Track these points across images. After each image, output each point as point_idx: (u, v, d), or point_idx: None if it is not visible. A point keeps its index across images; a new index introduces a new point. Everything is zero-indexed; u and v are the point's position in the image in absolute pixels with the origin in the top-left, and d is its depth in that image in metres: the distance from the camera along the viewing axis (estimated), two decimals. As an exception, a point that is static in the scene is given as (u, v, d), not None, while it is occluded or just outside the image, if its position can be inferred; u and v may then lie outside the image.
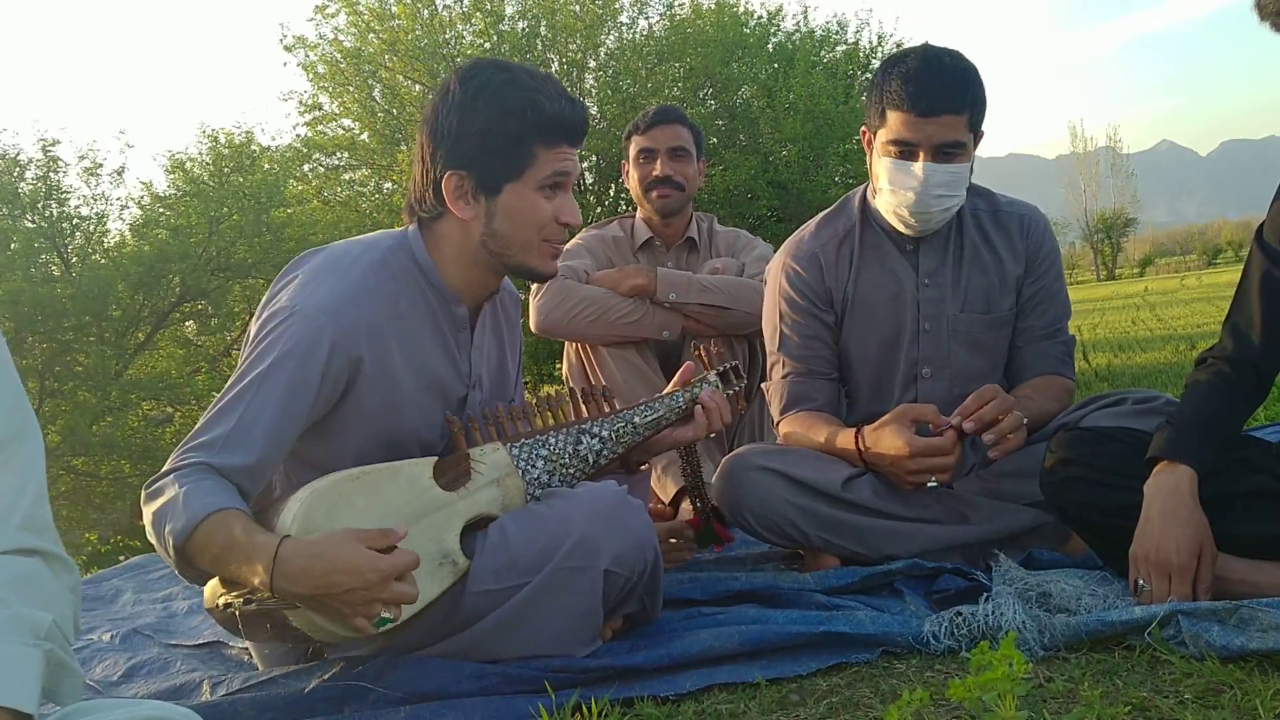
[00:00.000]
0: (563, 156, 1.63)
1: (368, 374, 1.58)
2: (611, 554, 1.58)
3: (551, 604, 1.56)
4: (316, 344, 1.52)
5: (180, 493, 1.43)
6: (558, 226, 1.65)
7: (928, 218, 2.02)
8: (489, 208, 1.62)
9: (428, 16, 12.99)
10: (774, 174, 12.23)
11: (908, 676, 1.50)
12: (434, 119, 1.61)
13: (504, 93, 1.59)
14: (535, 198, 1.62)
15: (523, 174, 1.61)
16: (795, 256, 2.19)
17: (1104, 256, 69.16)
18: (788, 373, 2.18)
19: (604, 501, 1.61)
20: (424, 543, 1.51)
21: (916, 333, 2.12)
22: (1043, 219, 2.20)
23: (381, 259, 1.64)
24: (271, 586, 1.36)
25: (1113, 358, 7.66)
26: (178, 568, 1.47)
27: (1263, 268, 1.70)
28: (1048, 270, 2.16)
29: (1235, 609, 1.44)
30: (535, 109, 1.58)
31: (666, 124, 2.98)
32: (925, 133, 1.94)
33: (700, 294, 2.77)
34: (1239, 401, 1.71)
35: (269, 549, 1.37)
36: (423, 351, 1.65)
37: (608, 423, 1.76)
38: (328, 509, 1.46)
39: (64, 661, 0.93)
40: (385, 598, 1.37)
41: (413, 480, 1.55)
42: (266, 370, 1.51)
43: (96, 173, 14.69)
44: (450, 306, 1.68)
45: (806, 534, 2.01)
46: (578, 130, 1.64)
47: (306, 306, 1.54)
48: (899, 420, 1.93)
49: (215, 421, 1.50)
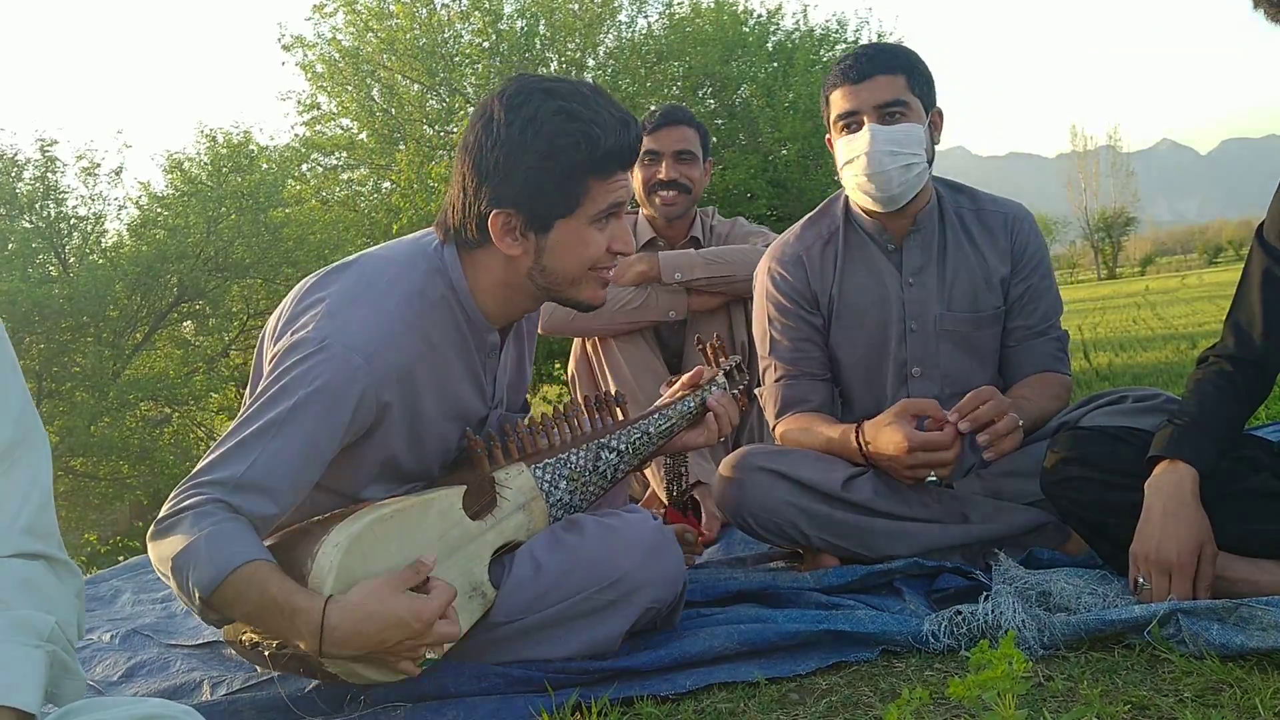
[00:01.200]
0: (618, 186, 1.53)
1: (394, 416, 1.52)
2: (651, 594, 1.60)
3: (582, 630, 1.57)
4: (347, 389, 1.43)
5: (202, 537, 1.34)
6: (609, 255, 1.57)
7: (885, 178, 2.00)
8: (539, 244, 1.53)
9: (426, 15, 12.99)
10: (773, 173, 12.23)
11: (907, 675, 1.50)
12: (478, 151, 1.50)
13: (556, 126, 1.47)
14: (589, 231, 1.53)
15: (576, 210, 1.51)
16: (780, 260, 2.19)
17: (1104, 255, 69.18)
18: (780, 376, 2.18)
19: (644, 540, 1.61)
20: (456, 576, 1.49)
21: (904, 333, 2.12)
22: (1028, 216, 2.20)
23: (419, 288, 1.54)
24: (320, 651, 1.33)
25: (1113, 357, 7.66)
26: (200, 615, 1.40)
27: (1264, 266, 1.70)
28: (1035, 268, 2.15)
29: (1235, 608, 1.44)
30: (590, 143, 1.47)
31: (673, 125, 2.96)
32: (862, 97, 2.01)
33: (705, 268, 2.78)
34: (1241, 400, 1.71)
35: (314, 616, 1.31)
36: (450, 381, 1.59)
37: (624, 435, 1.74)
38: (363, 555, 1.40)
39: (66, 664, 0.94)
40: (430, 640, 1.37)
41: (443, 515, 1.50)
42: (291, 410, 1.41)
43: (94, 173, 14.68)
44: (482, 334, 1.61)
45: (807, 534, 2.01)
46: (634, 154, 1.55)
47: (337, 345, 1.43)
48: (899, 416, 1.93)
49: (232, 457, 1.41)
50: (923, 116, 2.05)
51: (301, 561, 1.39)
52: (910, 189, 2.04)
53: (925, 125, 2.05)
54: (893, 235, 2.13)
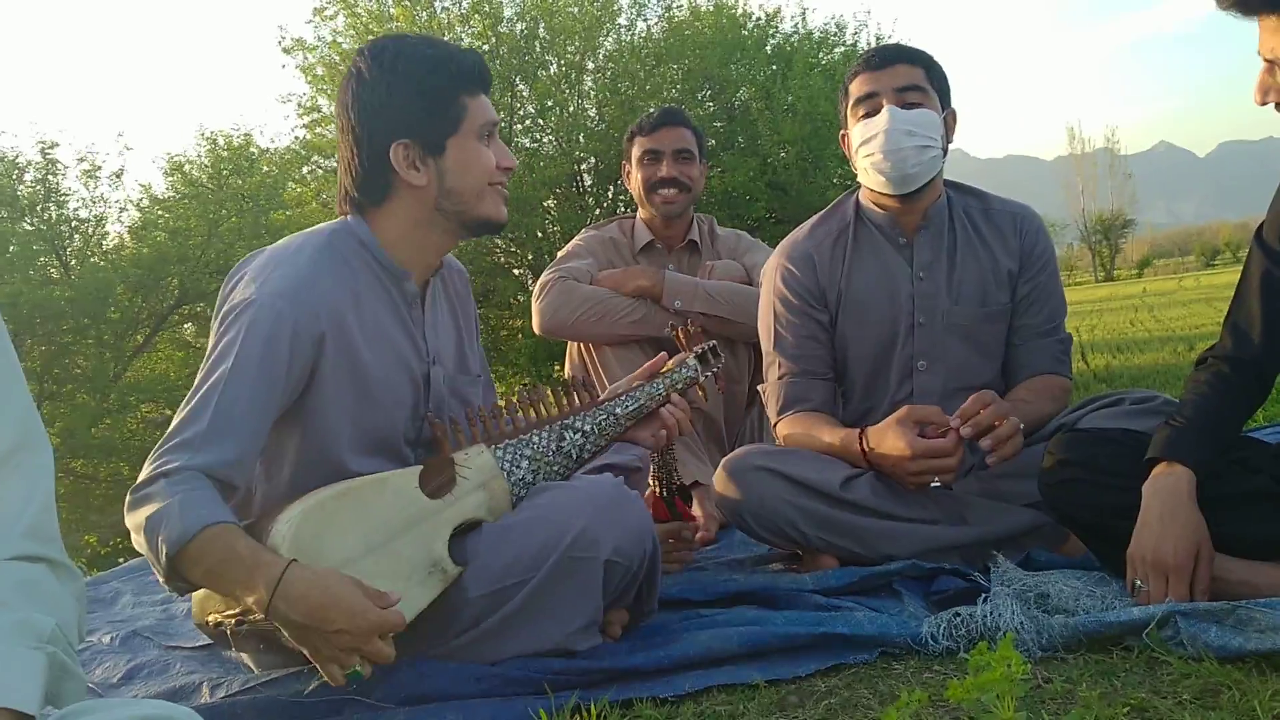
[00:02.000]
0: (486, 105, 1.68)
1: (331, 353, 1.59)
2: (612, 545, 1.59)
3: (553, 598, 1.57)
4: (278, 330, 1.53)
5: (174, 501, 1.42)
6: (501, 172, 1.69)
7: (901, 157, 2.03)
8: (439, 167, 1.65)
9: (426, 19, 12.99)
10: (772, 175, 12.23)
11: (906, 677, 1.50)
12: (357, 103, 1.64)
13: (421, 53, 1.64)
14: (478, 146, 1.66)
15: (460, 126, 1.64)
16: (789, 257, 2.21)
17: (1102, 258, 69.21)
18: (784, 374, 2.19)
19: (603, 494, 1.62)
20: (413, 552, 1.52)
21: (912, 326, 2.13)
22: (1036, 217, 2.23)
23: (326, 242, 1.65)
24: (269, 606, 1.37)
25: (1111, 359, 7.67)
26: (166, 577, 1.46)
27: (1263, 267, 1.71)
28: (1043, 268, 2.17)
29: (1233, 610, 1.44)
30: (454, 61, 1.64)
31: (672, 126, 2.98)
32: (882, 82, 2.07)
33: (705, 304, 2.78)
34: (1239, 402, 1.72)
35: (275, 569, 1.37)
36: (381, 328, 1.67)
37: (589, 416, 1.77)
38: (316, 528, 1.46)
39: (67, 666, 0.94)
40: (366, 649, 1.39)
41: (399, 492, 1.55)
42: (233, 364, 1.51)
43: (95, 175, 14.72)
44: (400, 283, 1.70)
45: (806, 534, 2.01)
46: (489, 77, 1.70)
47: (262, 295, 1.54)
48: (902, 422, 1.94)
49: (190, 420, 1.50)
50: (939, 109, 2.09)
51: (259, 537, 1.46)
52: (924, 173, 2.06)
53: (941, 117, 2.09)
54: (904, 229, 2.15)
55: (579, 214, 12.62)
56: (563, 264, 2.95)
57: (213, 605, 1.51)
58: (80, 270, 13.68)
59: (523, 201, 11.87)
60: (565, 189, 13.07)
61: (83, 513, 12.83)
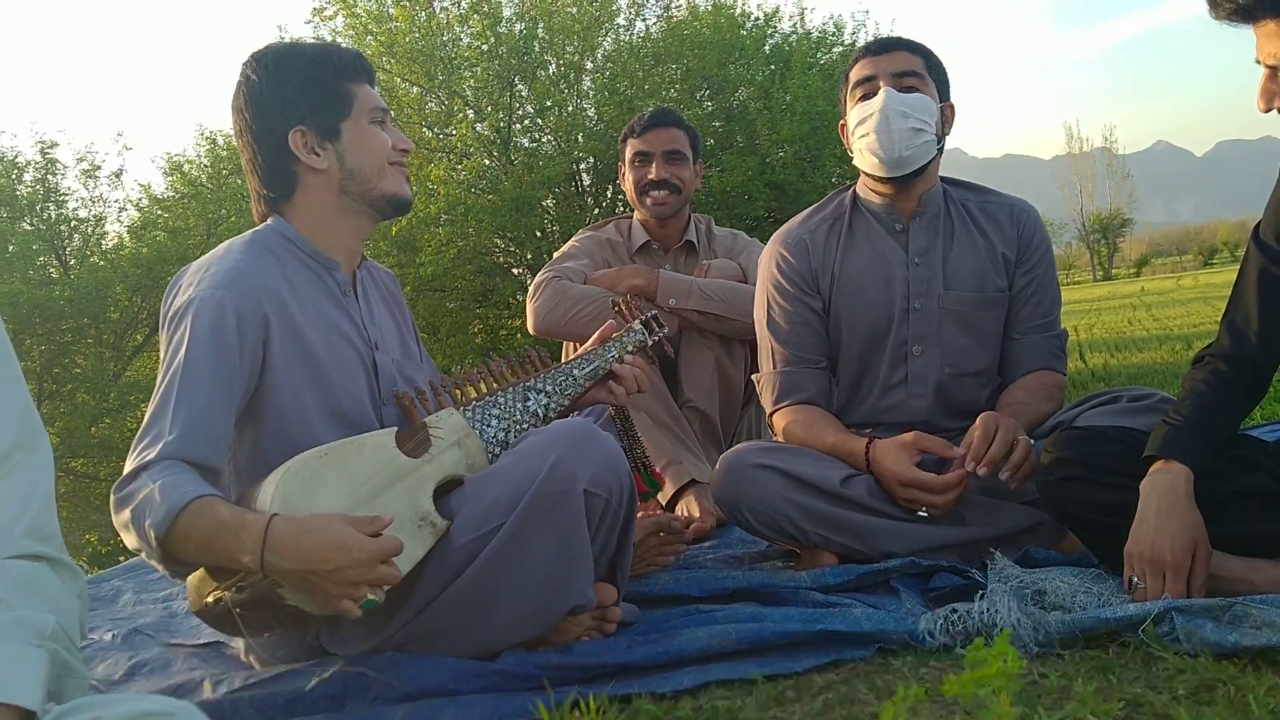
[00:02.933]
0: (371, 93, 1.76)
1: (277, 335, 1.62)
2: (588, 474, 1.59)
3: (537, 535, 1.56)
4: (222, 316, 1.56)
5: (155, 486, 1.44)
6: (398, 151, 1.76)
7: (893, 137, 2.05)
8: (337, 150, 1.71)
9: (425, 19, 12.99)
10: (771, 175, 12.24)
11: (903, 673, 1.50)
12: (251, 104, 1.71)
13: (303, 49, 1.74)
14: (371, 129, 1.73)
15: (351, 110, 1.72)
16: (784, 243, 2.24)
17: (1100, 257, 69.21)
18: (778, 362, 2.21)
19: (573, 429, 1.65)
20: (400, 507, 1.54)
21: (907, 311, 2.15)
22: (1033, 211, 2.25)
23: (252, 239, 1.71)
24: (262, 562, 1.38)
25: (1109, 358, 7.67)
26: (160, 561, 1.47)
27: (1260, 265, 1.71)
28: (1040, 261, 2.19)
29: (1229, 606, 1.45)
30: (335, 54, 1.74)
31: (662, 127, 2.99)
32: (881, 66, 2.11)
33: (700, 301, 2.78)
34: (1236, 399, 1.72)
35: (259, 525, 1.39)
36: (322, 312, 1.71)
37: (549, 378, 1.82)
38: (302, 486, 1.48)
39: (68, 663, 0.94)
40: (371, 578, 1.40)
41: (378, 450, 1.58)
42: (186, 358, 1.55)
43: (95, 175, 14.71)
44: (329, 272, 1.75)
45: (805, 530, 2.02)
46: (372, 69, 1.79)
47: (200, 293, 1.59)
48: (906, 446, 1.97)
49: (156, 416, 1.53)
50: (936, 98, 2.12)
51: (248, 504, 1.49)
52: (917, 157, 2.08)
53: (938, 105, 2.11)
54: (899, 215, 2.17)
55: (578, 214, 12.62)
56: (558, 264, 2.96)
57: (209, 585, 1.52)
58: (79, 270, 13.67)
59: (522, 201, 11.87)
60: (564, 189, 13.07)
61: (83, 511, 12.83)
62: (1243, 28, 1.54)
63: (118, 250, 14.63)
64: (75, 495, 12.72)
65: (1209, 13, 1.55)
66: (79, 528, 12.37)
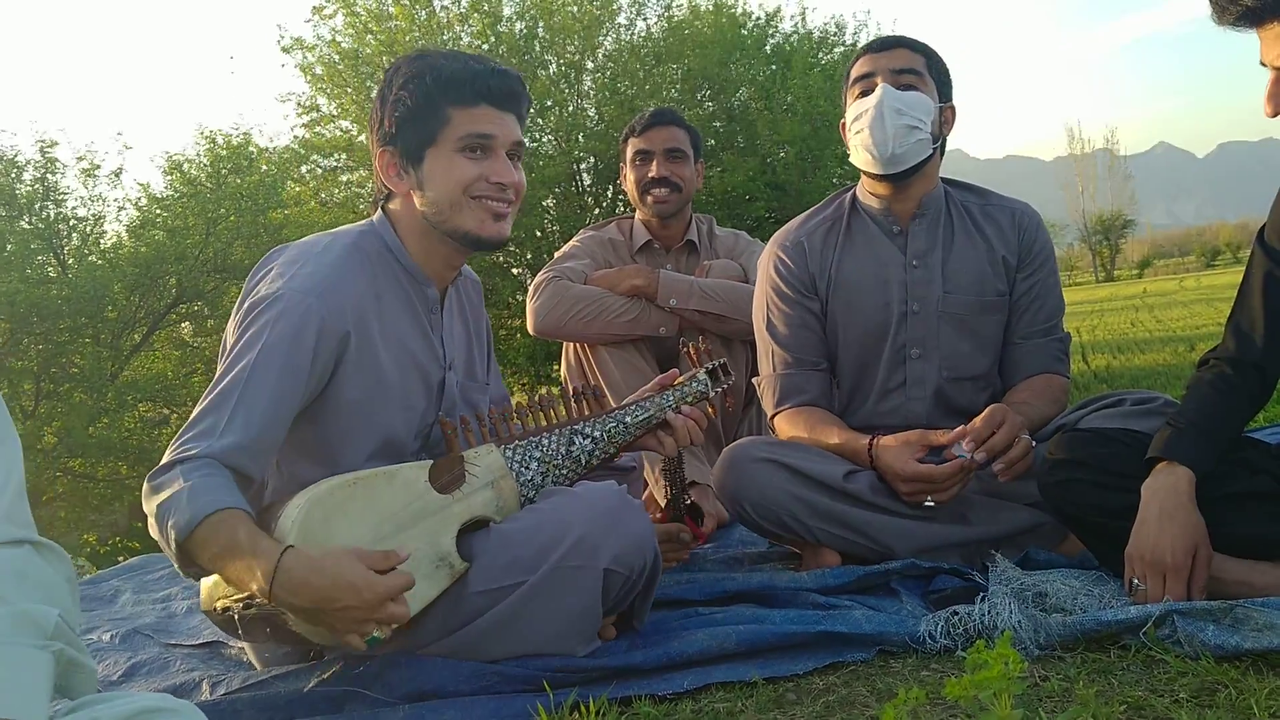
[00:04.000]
0: (480, 117, 1.64)
1: (353, 353, 1.60)
2: (611, 554, 1.58)
3: (550, 602, 1.57)
4: (305, 325, 1.54)
5: (186, 487, 1.43)
6: (490, 185, 1.65)
7: (886, 133, 2.04)
8: (418, 177, 1.66)
9: (425, 18, 12.99)
10: (772, 175, 12.24)
11: (904, 675, 1.50)
12: (372, 114, 1.70)
13: (410, 66, 1.66)
14: (455, 158, 1.64)
15: (438, 137, 1.64)
16: (782, 245, 2.23)
17: (1102, 258, 69.19)
18: (778, 364, 2.20)
19: (604, 501, 1.62)
20: (421, 545, 1.52)
21: (905, 314, 2.14)
22: (1035, 214, 2.23)
23: (354, 243, 1.67)
24: (270, 594, 1.37)
25: (1111, 359, 7.67)
26: (178, 562, 1.47)
27: (1265, 268, 1.71)
28: (1042, 265, 2.18)
29: (1230, 609, 1.44)
30: (438, 73, 1.63)
31: (662, 126, 2.98)
32: (880, 63, 2.10)
33: (700, 301, 2.78)
34: (1240, 402, 1.72)
35: (272, 557, 1.38)
36: (401, 332, 1.68)
37: (599, 423, 1.77)
38: (325, 515, 1.47)
39: (74, 659, 0.92)
40: (379, 617, 1.39)
41: (408, 485, 1.56)
42: (258, 357, 1.52)
43: (94, 174, 14.68)
44: (422, 288, 1.72)
45: (807, 525, 2.02)
46: (497, 90, 1.65)
47: (290, 291, 1.56)
48: (909, 443, 1.96)
49: (212, 408, 1.51)
50: (935, 98, 2.10)
51: (269, 526, 1.48)
52: (911, 155, 2.07)
53: (937, 106, 2.10)
54: (898, 217, 2.16)
55: (578, 213, 12.62)
56: (558, 264, 2.96)
57: (220, 591, 1.52)
58: (78, 269, 13.65)
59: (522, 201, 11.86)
60: (564, 188, 13.07)
61: (81, 511, 12.80)
62: (1248, 32, 1.53)
63: (116, 249, 14.61)
64: (73, 495, 12.71)
65: (1213, 18, 1.54)
66: (76, 527, 12.36)
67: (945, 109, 2.14)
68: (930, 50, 2.14)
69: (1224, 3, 1.51)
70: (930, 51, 2.14)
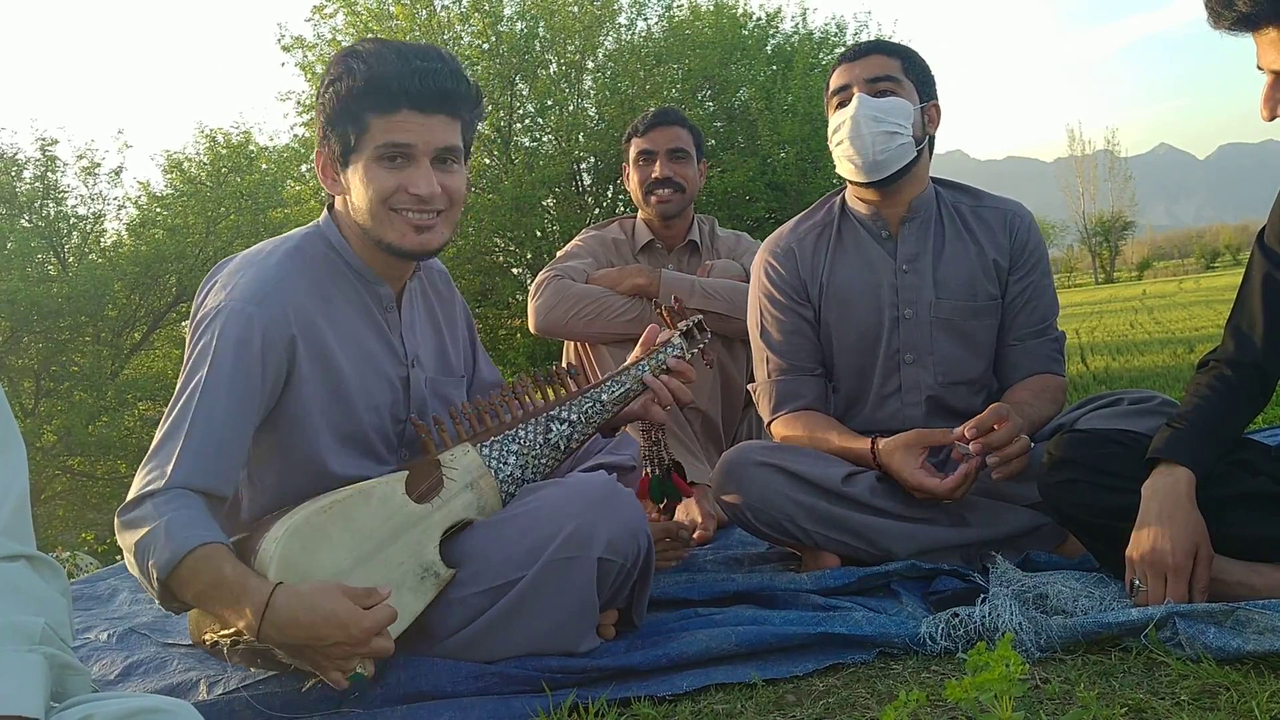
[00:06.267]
0: (398, 125, 1.55)
1: (304, 356, 1.58)
2: (605, 541, 1.57)
3: (547, 597, 1.56)
4: (249, 335, 1.52)
5: (162, 523, 1.42)
6: (409, 197, 1.57)
7: (865, 143, 2.04)
8: (345, 182, 1.62)
9: (426, 17, 12.99)
10: (772, 176, 12.24)
11: (904, 677, 1.50)
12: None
13: (341, 66, 1.57)
14: (373, 169, 1.57)
15: (359, 144, 1.57)
16: (772, 252, 2.23)
17: (1102, 259, 69.21)
18: (773, 370, 2.20)
19: (594, 491, 1.61)
20: (405, 558, 1.52)
21: (897, 320, 2.13)
22: (1027, 215, 2.22)
23: (296, 247, 1.64)
24: (259, 632, 1.37)
25: (1111, 360, 7.67)
26: (160, 599, 1.46)
27: (1265, 271, 1.71)
28: (1035, 266, 2.17)
29: (1231, 611, 1.44)
30: (361, 74, 1.54)
31: (665, 126, 2.98)
32: (855, 72, 2.11)
33: (702, 300, 2.77)
34: (1240, 404, 1.72)
35: (262, 595, 1.37)
36: (355, 331, 1.66)
37: (575, 405, 1.76)
38: (304, 544, 1.46)
39: (67, 662, 0.93)
40: (364, 652, 1.39)
41: (385, 500, 1.55)
42: (208, 374, 1.51)
43: (94, 172, 14.70)
44: (373, 287, 1.68)
45: (806, 529, 2.01)
46: (419, 93, 1.54)
47: (231, 302, 1.54)
48: (910, 446, 1.96)
49: (171, 433, 1.50)
50: (915, 99, 2.09)
51: (248, 556, 1.46)
52: (893, 160, 2.06)
53: (917, 107, 2.09)
54: (887, 222, 2.15)
55: (578, 213, 12.62)
56: (560, 263, 2.96)
57: (208, 624, 1.52)
58: (78, 267, 13.66)
59: (522, 200, 11.87)
60: (564, 188, 13.07)
61: (80, 510, 12.81)
62: (1244, 36, 1.53)
63: (116, 248, 14.62)
64: (72, 494, 12.72)
65: (1209, 22, 1.54)
66: (76, 526, 12.35)
67: (928, 108, 2.13)
68: (906, 51, 2.13)
69: (1219, 8, 1.51)
70: (906, 52, 2.13)
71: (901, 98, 2.07)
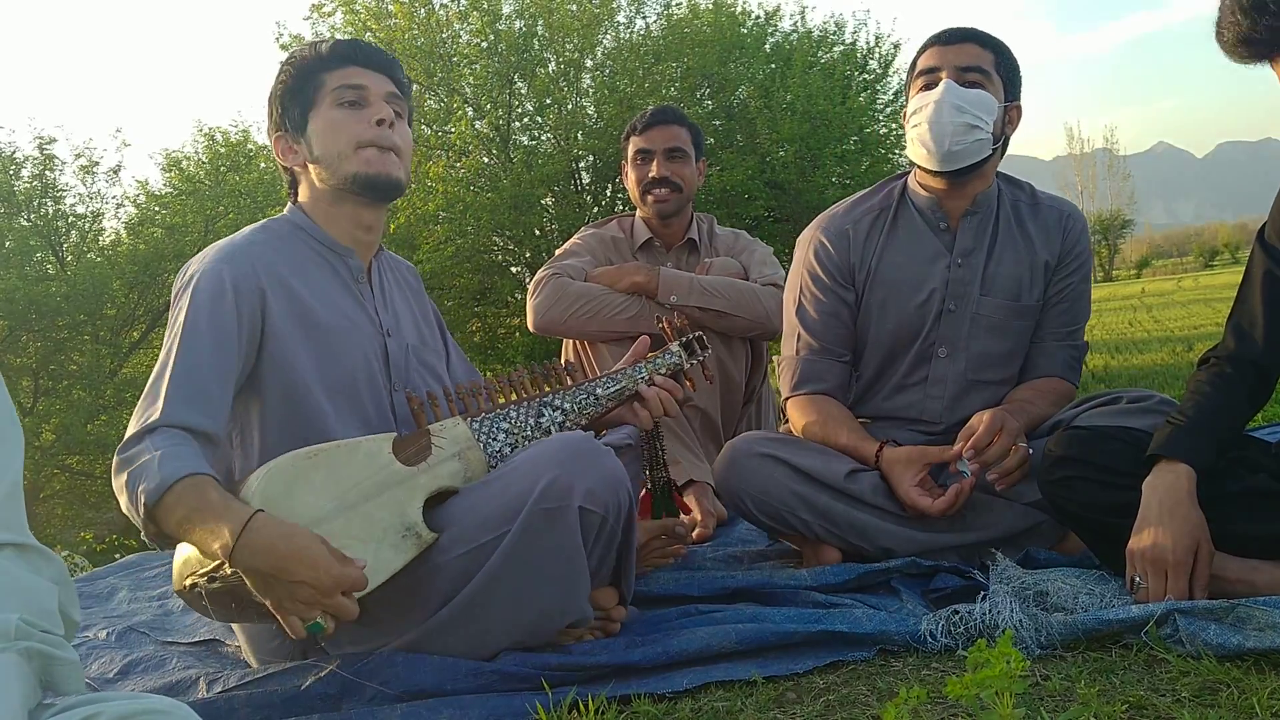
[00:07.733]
0: (353, 74, 1.74)
1: (276, 306, 1.65)
2: (583, 490, 1.55)
3: (533, 551, 1.55)
4: (220, 288, 1.61)
5: (156, 455, 1.46)
6: (371, 127, 1.72)
7: (944, 130, 2.00)
8: (307, 144, 1.75)
9: (424, 16, 13.00)
10: (771, 174, 12.25)
11: (904, 675, 1.50)
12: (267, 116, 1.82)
13: (288, 58, 1.80)
14: (334, 112, 1.73)
15: (317, 99, 1.74)
16: (825, 230, 2.20)
17: (1101, 258, 69.21)
18: (802, 348, 2.18)
19: (571, 444, 1.61)
20: (386, 515, 1.53)
21: (940, 312, 2.12)
22: (1081, 218, 2.20)
23: (262, 226, 1.77)
24: (232, 551, 1.39)
25: (1110, 359, 7.68)
26: (144, 528, 1.49)
27: (1265, 268, 1.71)
28: (1078, 269, 2.15)
29: (1232, 608, 1.44)
30: (315, 49, 1.77)
31: (664, 125, 2.98)
32: (947, 57, 2.06)
33: (701, 297, 2.77)
34: (1240, 401, 1.72)
35: (242, 515, 1.40)
36: (329, 293, 1.73)
37: (569, 395, 1.78)
38: (286, 484, 1.49)
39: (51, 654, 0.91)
40: (328, 604, 1.40)
41: (371, 456, 1.57)
42: (185, 324, 1.60)
43: (92, 171, 14.70)
44: (343, 258, 1.77)
45: (807, 521, 2.01)
46: (362, 54, 1.76)
47: (200, 267, 1.65)
48: (910, 462, 1.96)
49: (159, 376, 1.57)
50: (1000, 96, 2.06)
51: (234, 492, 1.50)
52: (968, 154, 2.03)
53: (1001, 105, 2.06)
54: (948, 214, 2.13)
55: (577, 212, 12.62)
56: (559, 261, 2.95)
57: (188, 569, 1.52)
58: (76, 266, 13.65)
59: (520, 199, 11.87)
60: (563, 187, 13.08)
61: (79, 509, 12.81)
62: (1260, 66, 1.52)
63: (115, 247, 14.62)
64: (70, 493, 12.71)
65: (1226, 58, 1.53)
66: (74, 525, 12.35)
67: (1010, 108, 2.09)
68: (1001, 46, 2.09)
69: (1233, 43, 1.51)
70: (1000, 47, 2.09)
71: (988, 92, 2.03)
